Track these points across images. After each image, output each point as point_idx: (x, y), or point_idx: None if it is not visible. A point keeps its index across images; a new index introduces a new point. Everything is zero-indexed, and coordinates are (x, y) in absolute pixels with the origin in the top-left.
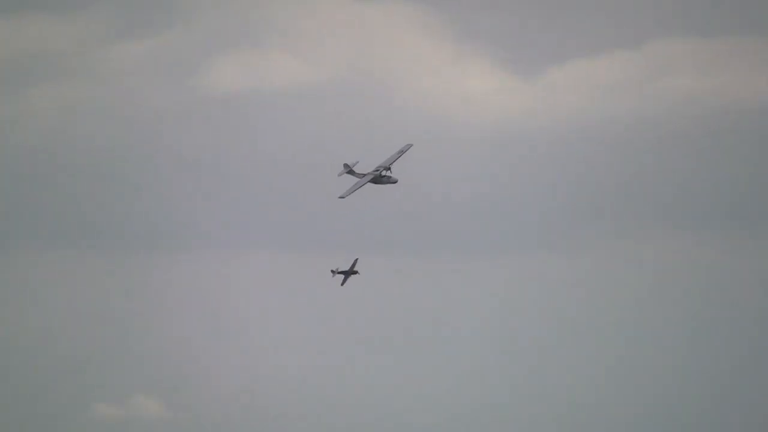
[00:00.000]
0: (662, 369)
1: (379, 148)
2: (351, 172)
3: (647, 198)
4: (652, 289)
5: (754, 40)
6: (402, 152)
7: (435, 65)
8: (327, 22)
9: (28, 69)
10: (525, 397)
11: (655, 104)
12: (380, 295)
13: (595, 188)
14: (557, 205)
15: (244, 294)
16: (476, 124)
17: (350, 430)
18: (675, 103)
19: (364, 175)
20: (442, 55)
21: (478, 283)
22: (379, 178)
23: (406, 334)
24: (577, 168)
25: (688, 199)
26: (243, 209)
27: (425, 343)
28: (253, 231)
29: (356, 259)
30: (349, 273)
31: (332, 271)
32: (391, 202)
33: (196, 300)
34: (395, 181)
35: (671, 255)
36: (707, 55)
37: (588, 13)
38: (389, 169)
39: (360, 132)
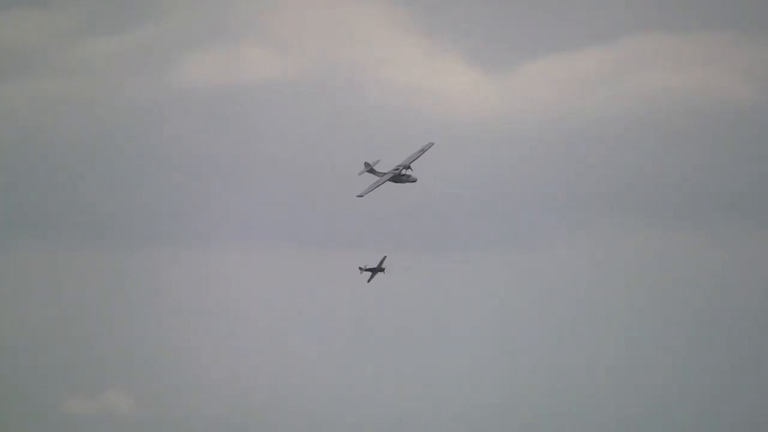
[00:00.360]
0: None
1: (351, 144)
2: (372, 171)
3: (621, 192)
4: (631, 283)
5: (729, 35)
6: (423, 150)
7: (407, 60)
8: (299, 18)
9: (0, 63)
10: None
11: (629, 99)
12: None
13: (570, 183)
14: (530, 201)
15: (227, 292)
16: (448, 119)
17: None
18: (650, 98)
19: (384, 174)
20: (414, 50)
21: (456, 279)
22: (399, 176)
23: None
24: (551, 163)
25: (663, 194)
26: (216, 205)
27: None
28: (226, 227)
29: (384, 257)
30: (376, 270)
31: (360, 268)
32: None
33: (177, 296)
34: (414, 180)
35: (643, 250)
36: (682, 51)
37: (562, 8)
38: (409, 167)
39: (333, 127)
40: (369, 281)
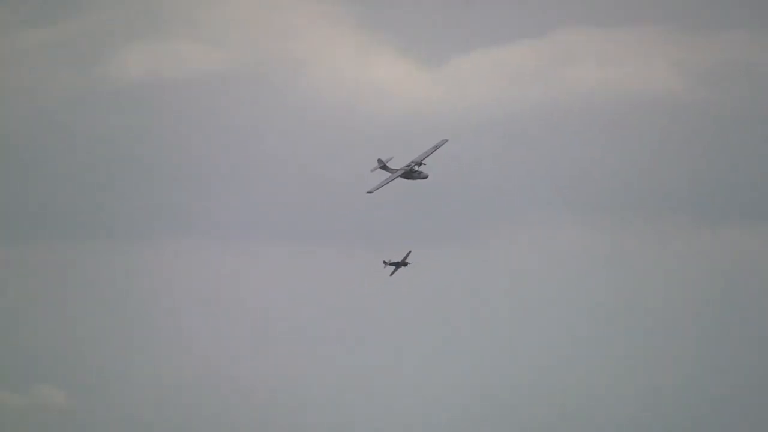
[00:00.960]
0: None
1: (284, 136)
2: (384, 167)
3: (548, 185)
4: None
5: (658, 28)
6: (436, 147)
7: (339, 54)
8: (233, 11)
9: None
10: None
11: (560, 92)
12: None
13: (502, 175)
14: (458, 193)
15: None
16: (380, 113)
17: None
18: (580, 91)
19: (396, 170)
20: (347, 44)
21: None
22: (410, 173)
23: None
24: (481, 157)
25: (591, 186)
26: (150, 197)
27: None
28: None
29: (409, 252)
30: (400, 264)
31: (384, 262)
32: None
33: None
34: (426, 177)
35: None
36: (611, 44)
37: (493, 3)
38: (420, 164)
39: (266, 120)
40: (392, 275)
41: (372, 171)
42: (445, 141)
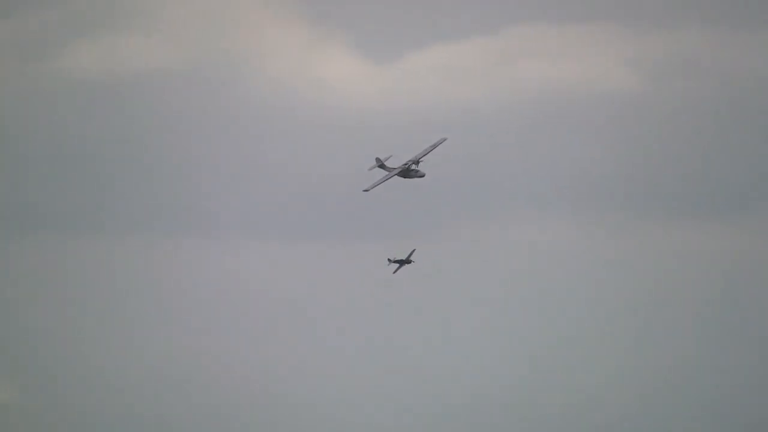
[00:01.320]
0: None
1: (237, 134)
2: (382, 166)
3: (504, 182)
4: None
5: (613, 25)
6: (435, 146)
7: (290, 50)
8: (183, 6)
9: None
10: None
11: (514, 89)
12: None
13: (457, 173)
14: (411, 191)
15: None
16: (332, 109)
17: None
18: (534, 88)
19: (393, 169)
20: (298, 39)
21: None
22: (407, 171)
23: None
24: (433, 154)
25: (543, 182)
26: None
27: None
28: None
29: (413, 250)
30: (404, 262)
31: (389, 260)
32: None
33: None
34: (423, 175)
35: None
36: (566, 41)
37: None
38: (418, 162)
39: (216, 117)
40: (395, 272)
41: (369, 170)
42: (444, 139)
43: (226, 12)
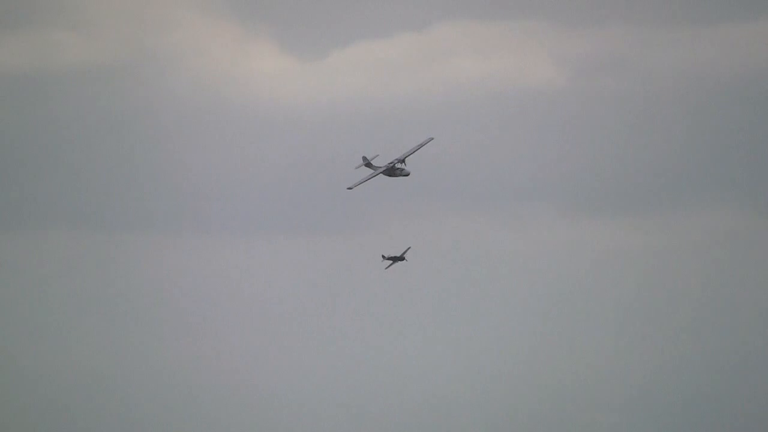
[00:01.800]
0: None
1: (163, 132)
2: (369, 164)
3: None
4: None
5: (537, 22)
6: (421, 145)
7: (219, 46)
8: (111, 2)
9: None
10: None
11: (440, 85)
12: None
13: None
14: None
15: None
16: (258, 106)
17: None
18: (460, 84)
19: (378, 167)
20: (226, 36)
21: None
22: (393, 170)
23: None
24: (363, 148)
25: (473, 181)
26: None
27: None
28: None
29: (408, 248)
30: (398, 259)
31: (383, 256)
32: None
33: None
34: (408, 174)
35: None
36: (492, 38)
37: None
38: (404, 161)
39: (144, 113)
40: (387, 268)
41: (356, 168)
42: (431, 139)
43: (153, 9)
